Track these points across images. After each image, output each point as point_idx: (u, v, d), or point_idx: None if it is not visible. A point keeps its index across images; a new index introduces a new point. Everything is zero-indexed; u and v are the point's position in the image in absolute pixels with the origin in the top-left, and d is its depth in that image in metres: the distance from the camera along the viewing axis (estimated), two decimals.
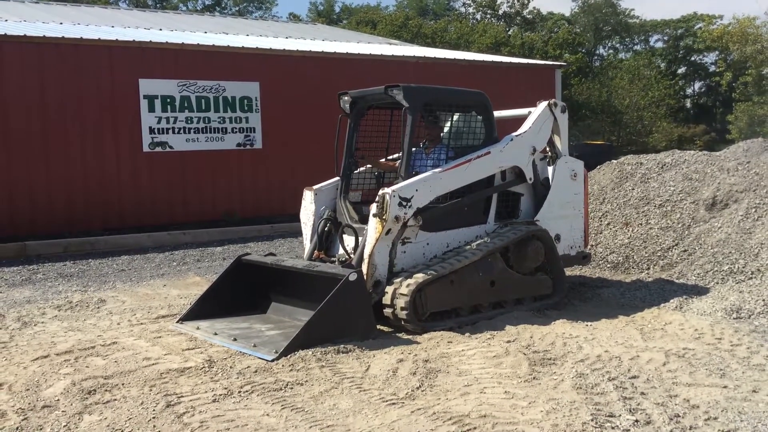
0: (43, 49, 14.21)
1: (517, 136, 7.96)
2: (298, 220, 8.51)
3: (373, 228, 6.98)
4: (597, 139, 39.49)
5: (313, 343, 6.15)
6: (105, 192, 14.73)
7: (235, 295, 7.66)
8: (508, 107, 9.20)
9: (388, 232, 6.97)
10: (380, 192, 6.99)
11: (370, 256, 6.96)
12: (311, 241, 8.02)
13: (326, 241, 7.94)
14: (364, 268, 6.92)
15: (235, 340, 6.55)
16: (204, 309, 7.48)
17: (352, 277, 6.41)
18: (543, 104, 8.24)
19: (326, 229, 7.96)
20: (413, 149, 7.63)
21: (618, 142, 41.74)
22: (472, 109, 8.04)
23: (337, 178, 8.21)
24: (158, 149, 15.29)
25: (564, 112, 8.35)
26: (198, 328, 7.04)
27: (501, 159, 7.80)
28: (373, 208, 6.99)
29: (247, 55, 16.80)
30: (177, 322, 7.38)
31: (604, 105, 43.65)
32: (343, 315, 6.41)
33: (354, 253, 7.26)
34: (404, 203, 6.96)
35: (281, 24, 30.55)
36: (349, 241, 7.47)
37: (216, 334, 6.81)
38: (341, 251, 7.53)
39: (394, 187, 6.99)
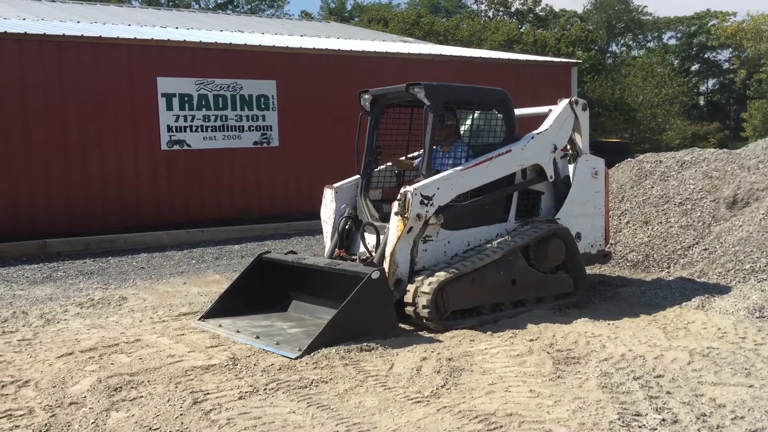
0: (63, 47, 14.29)
1: (538, 134, 7.95)
2: (316, 218, 8.53)
3: (395, 226, 7.00)
4: (610, 136, 39.36)
5: (335, 341, 6.17)
6: (123, 190, 14.82)
7: (256, 293, 7.70)
8: (524, 105, 9.19)
9: (409, 231, 6.98)
10: (402, 190, 6.99)
11: (392, 254, 6.97)
12: (332, 239, 8.04)
13: (347, 239, 7.96)
14: (386, 266, 6.93)
15: (257, 337, 6.58)
16: (225, 306, 7.52)
17: (375, 275, 6.42)
18: (564, 102, 8.23)
19: (347, 227, 7.97)
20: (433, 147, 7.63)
21: (631, 139, 41.59)
22: (492, 107, 8.03)
23: (357, 176, 8.23)
24: (176, 147, 15.36)
25: (585, 110, 8.33)
26: (220, 326, 7.08)
27: (522, 157, 7.79)
28: (395, 206, 6.99)
29: (264, 53, 16.84)
30: (199, 319, 7.42)
31: (617, 102, 43.46)
32: (366, 313, 6.43)
33: (375, 252, 7.28)
34: (426, 201, 6.97)
35: (295, 22, 30.60)
36: (370, 239, 7.48)
37: (238, 331, 6.84)
38: (362, 249, 7.54)
39: (415, 186, 7.00)
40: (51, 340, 6.87)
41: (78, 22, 18.36)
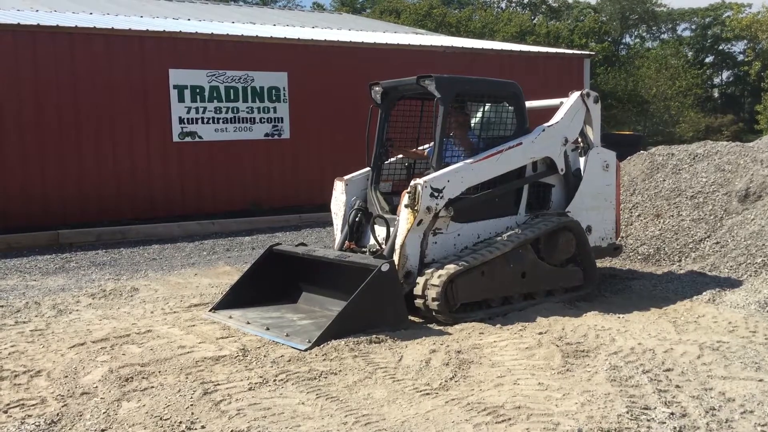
0: (76, 39, 14.35)
1: (549, 126, 7.93)
2: (326, 210, 8.54)
3: (405, 219, 7.00)
4: (623, 129, 39.16)
5: (345, 333, 6.20)
6: (136, 181, 14.89)
7: (266, 285, 7.74)
8: (536, 97, 9.17)
9: (419, 223, 6.99)
10: (412, 183, 7.00)
11: (402, 246, 6.98)
12: (342, 231, 8.06)
13: (357, 231, 7.97)
14: (396, 258, 6.94)
15: (267, 329, 6.61)
16: (236, 298, 7.56)
17: (385, 267, 6.43)
18: (575, 94, 8.21)
19: (357, 219, 7.99)
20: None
21: (644, 132, 41.36)
22: (503, 99, 8.01)
23: (368, 168, 8.24)
24: (188, 139, 15.41)
25: (597, 103, 8.30)
26: (231, 317, 7.12)
27: (533, 150, 7.77)
28: (405, 198, 7.00)
29: (276, 45, 16.84)
30: (210, 310, 7.47)
31: (630, 94, 43.23)
32: (376, 305, 6.45)
33: (385, 244, 7.29)
34: (436, 194, 6.97)
35: (307, 13, 30.59)
36: (380, 231, 7.49)
37: (249, 323, 6.88)
38: (372, 242, 7.55)
39: (425, 178, 7.00)
40: (63, 330, 6.93)
41: (91, 13, 18.42)
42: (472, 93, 7.94)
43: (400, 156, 8.35)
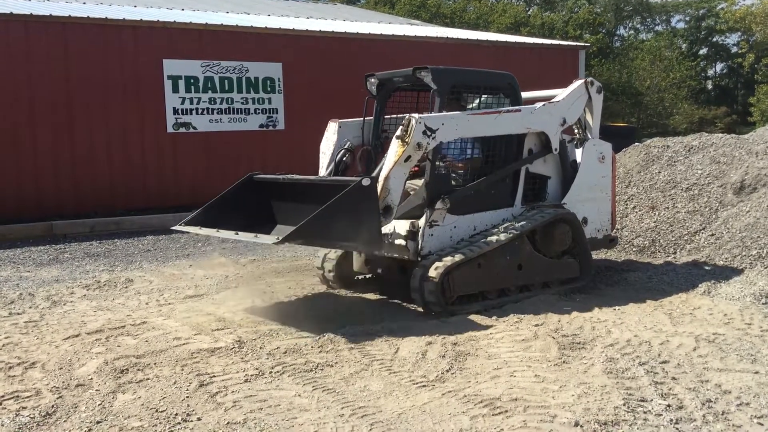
0: (69, 29, 14.26)
1: (549, 103, 7.91)
2: None
3: (394, 151, 6.89)
4: (617, 120, 39.15)
5: (317, 237, 6.21)
6: (130, 172, 14.83)
7: (241, 214, 7.49)
8: (531, 88, 9.15)
9: (407, 159, 6.85)
10: (407, 116, 6.92)
11: (386, 179, 6.80)
12: (327, 168, 8.03)
13: (343, 172, 7.94)
14: (378, 189, 6.73)
15: (237, 234, 6.60)
16: (209, 218, 7.40)
17: (365, 182, 6.35)
18: (579, 81, 8.23)
19: (344, 159, 7.95)
20: None
21: (638, 123, 41.37)
22: (500, 90, 8.00)
23: (361, 119, 8.19)
24: (182, 130, 15.35)
25: (599, 93, 8.29)
26: (201, 228, 7.13)
27: (530, 120, 7.70)
28: (398, 130, 6.93)
29: (270, 35, 16.77)
30: (180, 224, 7.43)
31: (624, 86, 43.21)
32: (351, 218, 6.30)
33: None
34: (429, 133, 6.88)
35: (301, 4, 30.40)
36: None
37: (218, 230, 6.88)
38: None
39: (421, 114, 6.94)
40: (57, 321, 6.90)
41: (84, 2, 18.30)
42: (468, 84, 7.90)
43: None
